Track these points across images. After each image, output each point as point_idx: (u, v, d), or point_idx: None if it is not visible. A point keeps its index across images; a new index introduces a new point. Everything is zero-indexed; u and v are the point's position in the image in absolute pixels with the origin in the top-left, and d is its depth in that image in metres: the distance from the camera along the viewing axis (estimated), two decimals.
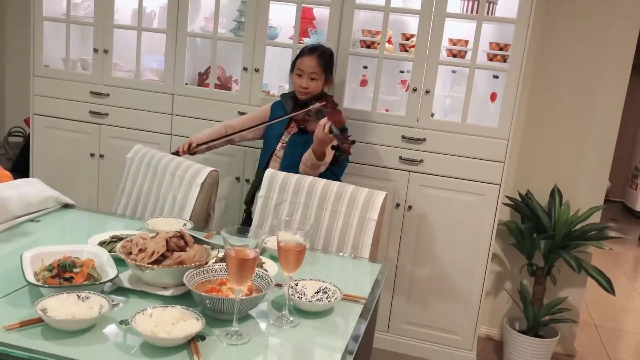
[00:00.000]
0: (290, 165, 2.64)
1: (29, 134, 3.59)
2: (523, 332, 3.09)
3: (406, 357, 3.14)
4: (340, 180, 2.69)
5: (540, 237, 2.96)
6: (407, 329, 3.14)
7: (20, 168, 3.59)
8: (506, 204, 3.22)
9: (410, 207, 3.00)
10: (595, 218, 3.15)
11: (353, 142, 2.41)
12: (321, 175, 2.49)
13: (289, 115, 2.66)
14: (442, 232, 3.00)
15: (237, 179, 3.15)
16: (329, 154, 2.47)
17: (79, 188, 3.39)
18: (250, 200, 2.82)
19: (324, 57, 2.67)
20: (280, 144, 2.72)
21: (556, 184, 3.18)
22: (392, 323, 3.15)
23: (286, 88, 3.13)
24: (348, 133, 2.45)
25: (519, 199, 3.21)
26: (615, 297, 2.99)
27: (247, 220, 2.85)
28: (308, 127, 2.63)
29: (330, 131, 2.38)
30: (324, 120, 2.40)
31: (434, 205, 2.98)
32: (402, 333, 3.15)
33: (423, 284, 3.07)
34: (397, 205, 3.00)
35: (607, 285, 2.88)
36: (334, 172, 2.69)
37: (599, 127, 3.15)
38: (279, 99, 2.83)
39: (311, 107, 2.61)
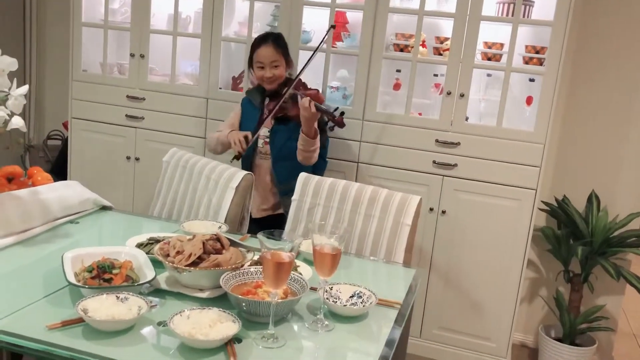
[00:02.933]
0: (280, 157, 2.66)
1: (67, 137, 3.67)
2: (559, 339, 3.03)
3: None
4: (326, 161, 2.78)
5: (577, 244, 2.91)
6: (440, 334, 3.11)
7: (58, 170, 3.67)
8: (542, 210, 3.17)
9: (444, 212, 2.98)
10: (635, 224, 3.08)
11: (342, 113, 2.53)
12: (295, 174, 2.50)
13: (272, 113, 2.64)
14: (477, 237, 2.96)
15: None
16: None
17: (115, 190, 3.45)
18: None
19: (279, 42, 2.71)
20: (261, 141, 2.72)
21: (594, 189, 3.12)
22: (425, 328, 3.12)
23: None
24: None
25: (555, 204, 3.15)
26: None
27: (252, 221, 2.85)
28: (289, 113, 2.65)
29: (317, 108, 2.45)
30: (305, 100, 2.46)
31: (468, 210, 2.95)
32: (435, 339, 3.12)
33: (456, 289, 3.04)
34: (431, 209, 2.98)
35: None
36: (320, 153, 2.71)
37: (639, 129, 3.07)
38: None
39: (284, 94, 2.63)
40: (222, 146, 2.74)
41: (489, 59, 2.99)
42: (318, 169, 2.74)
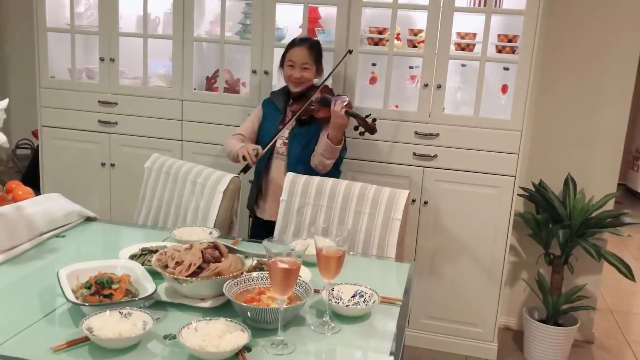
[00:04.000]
0: (296, 160, 2.64)
1: (37, 146, 3.57)
2: (542, 321, 3.11)
3: (428, 351, 3.15)
4: (340, 171, 2.77)
5: (557, 227, 2.97)
6: (428, 323, 3.16)
7: (29, 181, 3.54)
8: (521, 195, 3.22)
9: (426, 203, 3.01)
10: (610, 204, 3.16)
11: (374, 119, 2.53)
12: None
13: (297, 113, 2.62)
14: (459, 226, 3.00)
15: (252, 182, 3.14)
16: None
17: (91, 198, 3.37)
18: (254, 203, 2.79)
19: (314, 48, 2.70)
20: (280, 141, 2.70)
21: (569, 172, 3.19)
22: (413, 318, 3.16)
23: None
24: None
25: (533, 189, 3.22)
26: (627, 281, 3.02)
27: (255, 225, 2.83)
28: (316, 115, 2.64)
29: (348, 114, 2.47)
30: (339, 105, 2.48)
31: (449, 199, 2.99)
32: (423, 328, 3.16)
33: (442, 278, 3.08)
34: (413, 201, 3.00)
35: (627, 272, 2.90)
36: (335, 163, 2.69)
37: (610, 113, 3.16)
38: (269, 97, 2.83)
39: (313, 97, 2.63)
40: (232, 156, 2.65)
41: (463, 49, 3.02)
42: (331, 176, 2.72)
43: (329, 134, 2.53)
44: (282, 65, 2.74)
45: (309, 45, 2.68)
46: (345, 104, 2.51)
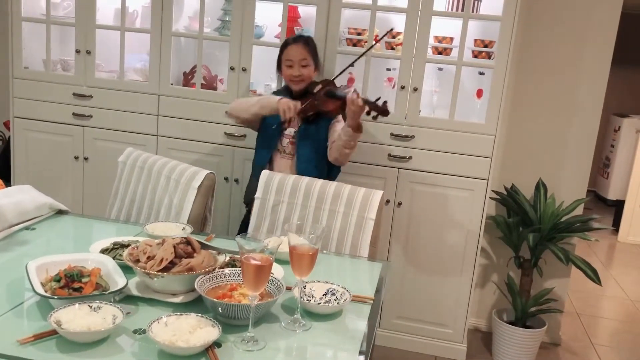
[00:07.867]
0: (306, 159, 2.62)
1: (9, 137, 3.51)
2: (511, 323, 3.15)
3: (398, 351, 3.18)
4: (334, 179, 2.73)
5: (527, 231, 3.02)
6: (399, 323, 3.18)
7: (0, 173, 3.51)
8: (493, 198, 3.27)
9: (400, 204, 3.03)
10: (579, 209, 3.22)
11: (385, 102, 2.47)
12: (318, 175, 2.49)
13: (301, 110, 2.57)
14: (432, 228, 3.03)
15: (226, 179, 3.13)
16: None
17: (63, 192, 3.33)
18: (251, 200, 2.78)
19: (309, 43, 2.70)
20: (286, 140, 2.68)
21: (540, 177, 3.25)
22: (384, 318, 3.18)
23: (273, 87, 3.11)
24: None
25: (505, 193, 3.26)
26: (594, 285, 3.08)
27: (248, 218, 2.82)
28: (324, 109, 2.59)
29: (363, 101, 2.42)
30: (352, 95, 2.43)
31: (423, 201, 3.01)
32: (394, 328, 3.19)
33: (413, 278, 3.11)
34: (387, 202, 3.03)
35: (594, 276, 2.96)
36: (330, 174, 2.70)
37: (581, 120, 3.22)
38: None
39: (316, 91, 2.61)
40: (250, 115, 2.63)
41: (440, 53, 3.06)
42: (335, 173, 2.73)
43: (349, 123, 2.48)
44: (279, 67, 2.72)
45: (304, 41, 2.67)
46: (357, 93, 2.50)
